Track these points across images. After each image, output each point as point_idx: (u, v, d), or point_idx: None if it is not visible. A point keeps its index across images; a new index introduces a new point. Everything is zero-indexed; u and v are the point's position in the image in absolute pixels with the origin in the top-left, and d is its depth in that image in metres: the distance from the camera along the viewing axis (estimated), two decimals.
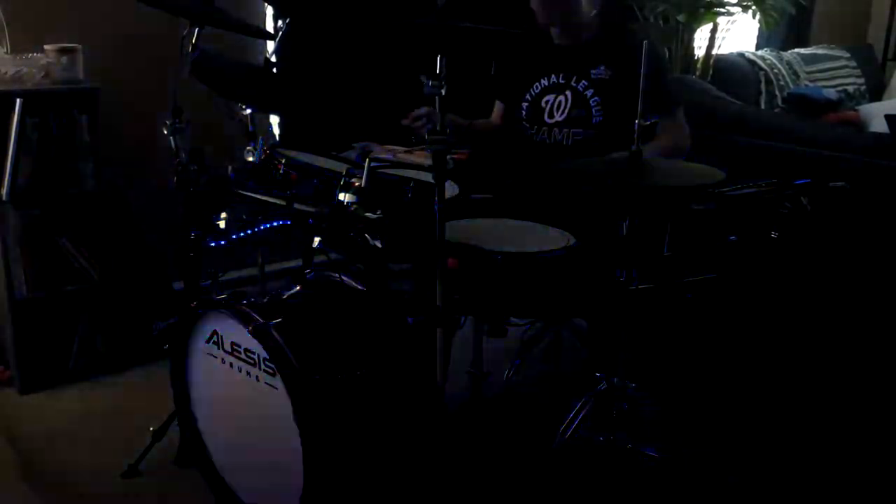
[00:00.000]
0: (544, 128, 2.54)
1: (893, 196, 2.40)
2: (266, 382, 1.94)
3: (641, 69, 1.82)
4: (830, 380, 2.57)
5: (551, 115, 2.51)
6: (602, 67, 2.43)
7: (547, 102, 2.52)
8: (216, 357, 2.08)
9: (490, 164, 2.65)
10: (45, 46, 2.73)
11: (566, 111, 2.49)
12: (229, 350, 2.03)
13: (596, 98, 2.46)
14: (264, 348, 1.88)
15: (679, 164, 2.17)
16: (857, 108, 4.33)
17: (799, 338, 2.55)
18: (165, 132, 2.18)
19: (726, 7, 4.09)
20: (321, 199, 2.03)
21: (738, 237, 1.97)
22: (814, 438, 2.54)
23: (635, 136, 1.90)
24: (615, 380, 2.07)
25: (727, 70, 4.13)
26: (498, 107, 2.72)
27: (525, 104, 2.57)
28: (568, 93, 2.49)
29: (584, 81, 2.47)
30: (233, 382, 2.04)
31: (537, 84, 2.53)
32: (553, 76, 2.50)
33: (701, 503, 2.11)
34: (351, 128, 3.11)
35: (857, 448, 2.43)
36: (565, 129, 2.50)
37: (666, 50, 3.93)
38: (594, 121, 2.47)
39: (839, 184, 1.95)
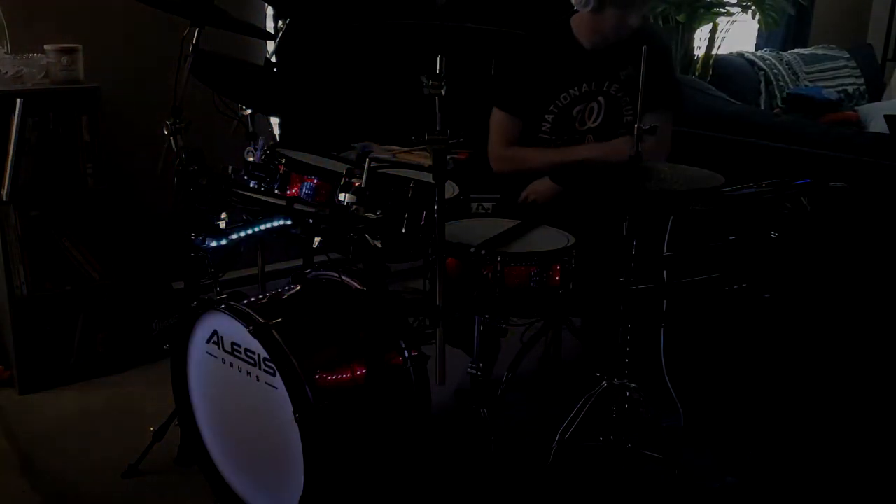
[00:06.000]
0: (576, 136, 2.53)
1: (893, 196, 2.40)
2: (266, 382, 1.94)
3: (652, 69, 1.84)
4: (830, 380, 2.57)
5: (583, 123, 2.51)
6: (630, 67, 2.46)
7: (579, 112, 2.51)
8: (216, 357, 2.08)
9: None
10: (45, 46, 2.73)
11: (600, 117, 2.50)
12: (229, 350, 2.03)
13: (626, 99, 2.51)
14: (264, 348, 1.88)
15: (679, 168, 2.18)
16: (857, 108, 4.32)
17: (799, 337, 2.55)
18: (165, 132, 2.18)
19: (726, 7, 4.09)
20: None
21: (738, 237, 1.97)
22: (813, 437, 2.54)
23: (635, 138, 1.90)
24: (615, 380, 2.07)
25: (727, 70, 4.13)
26: (513, 123, 2.57)
27: (550, 116, 2.54)
28: (601, 98, 2.50)
29: (615, 85, 2.49)
30: (233, 382, 2.05)
31: (565, 95, 2.50)
32: (584, 84, 2.49)
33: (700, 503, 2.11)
34: (351, 128, 3.11)
35: (856, 447, 2.43)
36: (600, 134, 2.52)
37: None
38: (625, 120, 2.52)
39: (839, 184, 1.95)
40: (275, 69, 2.49)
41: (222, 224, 2.17)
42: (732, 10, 4.12)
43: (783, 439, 2.44)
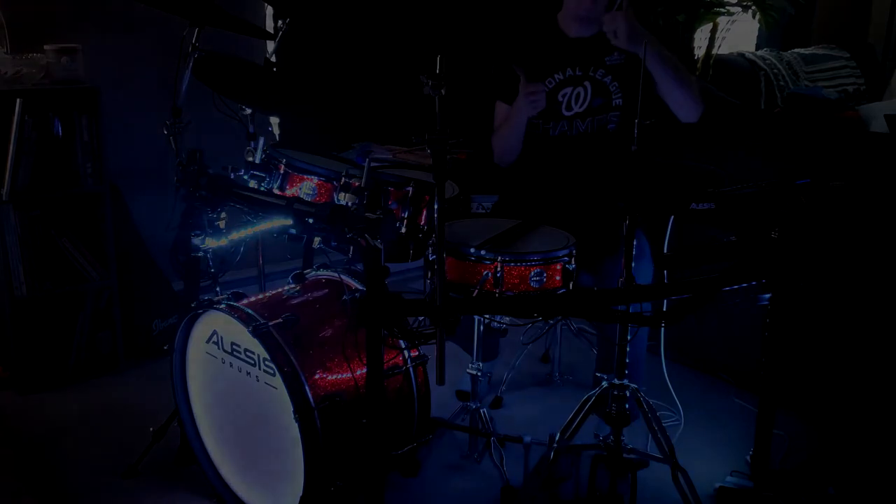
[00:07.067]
0: (563, 121, 2.55)
1: (893, 196, 2.41)
2: (266, 382, 1.94)
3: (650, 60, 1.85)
4: (828, 380, 2.57)
5: (569, 108, 2.54)
6: (616, 54, 2.50)
7: (564, 96, 2.54)
8: (216, 357, 2.08)
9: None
10: (45, 46, 2.73)
11: (587, 101, 2.53)
12: (229, 350, 2.03)
13: (615, 84, 2.53)
14: (264, 348, 1.88)
15: (679, 164, 2.18)
16: (857, 108, 4.32)
17: (798, 337, 2.55)
18: (165, 132, 2.18)
19: (726, 7, 4.09)
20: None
21: (738, 237, 1.97)
22: (813, 436, 2.54)
23: (635, 135, 1.90)
24: (615, 380, 2.07)
25: (727, 70, 4.13)
26: (506, 111, 2.59)
27: None
28: (586, 83, 2.53)
29: (600, 70, 2.52)
30: (233, 382, 2.05)
31: (550, 80, 2.54)
32: (569, 70, 2.53)
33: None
34: (351, 128, 3.11)
35: (858, 445, 2.44)
36: (588, 119, 2.54)
37: None
38: (615, 103, 2.54)
39: (839, 184, 1.95)
40: (275, 69, 2.49)
41: (222, 224, 2.17)
42: (732, 9, 4.11)
43: (784, 437, 2.44)
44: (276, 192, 2.14)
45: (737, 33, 4.46)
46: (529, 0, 2.80)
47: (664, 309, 2.36)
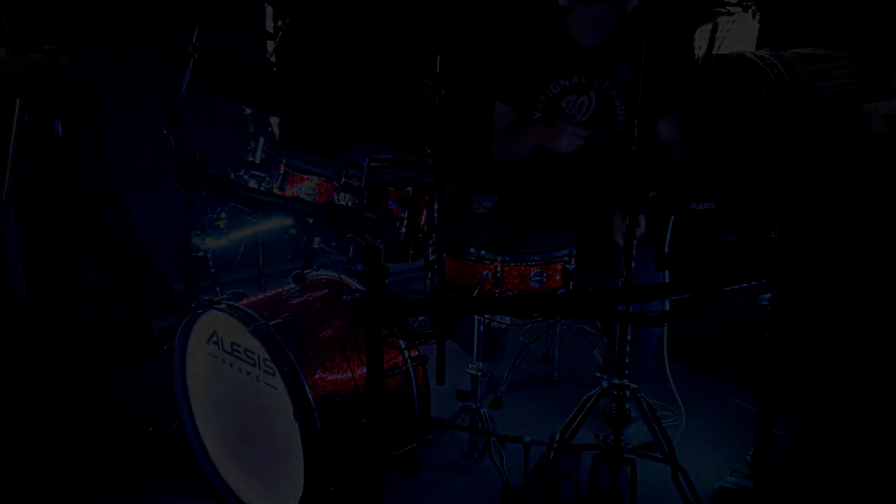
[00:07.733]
0: None
1: (893, 196, 2.41)
2: (266, 382, 1.94)
3: (653, 69, 1.85)
4: (829, 380, 2.57)
5: (572, 116, 2.52)
6: (626, 69, 2.48)
7: (568, 103, 2.52)
8: (216, 357, 2.08)
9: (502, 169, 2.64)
10: (45, 46, 2.73)
11: (590, 111, 2.51)
12: (229, 350, 2.03)
13: (620, 98, 2.51)
14: (264, 348, 1.88)
15: (677, 164, 2.18)
16: (857, 108, 4.32)
17: (798, 337, 2.55)
18: (165, 132, 2.18)
19: (726, 7, 4.09)
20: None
21: (738, 237, 1.97)
22: (814, 436, 2.54)
23: (634, 135, 1.90)
24: (615, 379, 2.07)
25: (727, 70, 4.13)
26: (507, 112, 2.62)
27: (540, 105, 2.56)
28: (592, 93, 2.52)
29: (607, 82, 2.50)
30: (233, 382, 2.05)
31: (555, 85, 2.52)
32: (575, 77, 2.51)
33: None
34: (351, 128, 3.11)
35: (861, 444, 2.43)
36: (590, 129, 2.52)
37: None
38: (619, 119, 2.53)
39: (839, 184, 1.95)
40: (275, 69, 2.49)
41: (222, 224, 2.17)
42: (732, 9, 4.12)
43: (783, 438, 2.44)
44: (276, 192, 2.14)
45: (737, 33, 4.47)
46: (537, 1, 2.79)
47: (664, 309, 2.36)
